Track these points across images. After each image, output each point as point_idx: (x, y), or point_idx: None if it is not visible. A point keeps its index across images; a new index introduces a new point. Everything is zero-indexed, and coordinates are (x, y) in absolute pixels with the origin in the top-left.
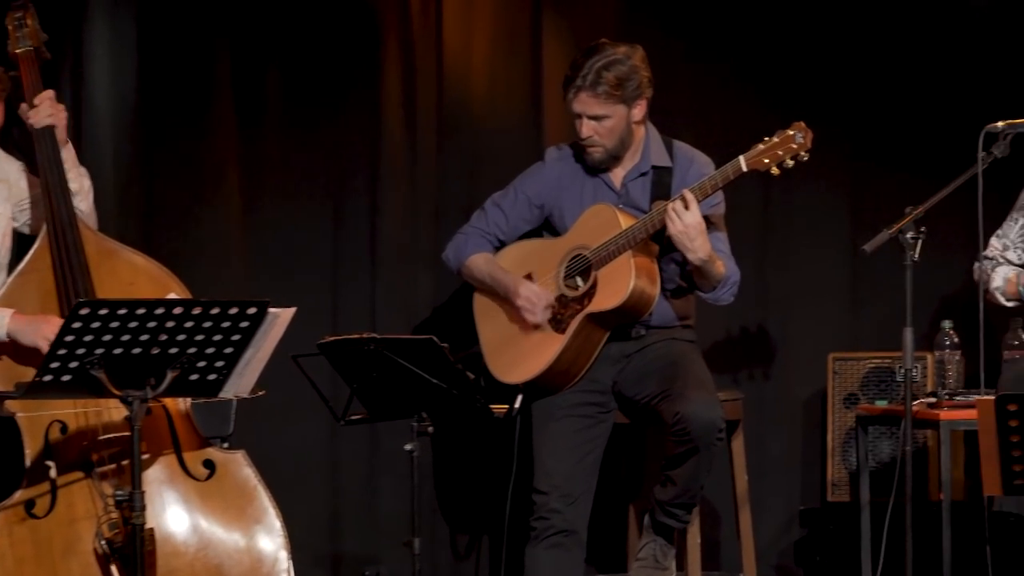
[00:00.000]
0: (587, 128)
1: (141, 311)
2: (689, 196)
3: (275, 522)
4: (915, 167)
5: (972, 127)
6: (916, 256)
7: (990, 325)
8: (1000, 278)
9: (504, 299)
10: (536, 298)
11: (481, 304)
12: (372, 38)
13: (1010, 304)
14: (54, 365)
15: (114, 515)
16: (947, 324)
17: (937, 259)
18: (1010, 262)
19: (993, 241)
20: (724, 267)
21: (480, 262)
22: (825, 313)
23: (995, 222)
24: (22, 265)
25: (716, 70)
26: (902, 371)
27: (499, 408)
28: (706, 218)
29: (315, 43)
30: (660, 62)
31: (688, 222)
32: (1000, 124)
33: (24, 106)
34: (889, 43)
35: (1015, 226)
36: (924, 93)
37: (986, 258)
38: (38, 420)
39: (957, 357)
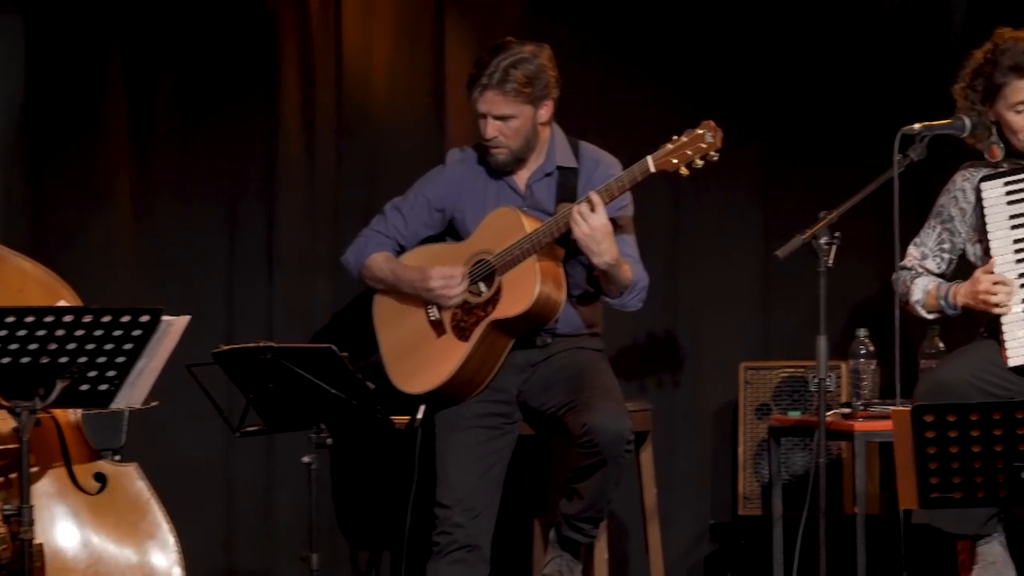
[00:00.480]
0: (492, 128)
1: (30, 319)
2: (595, 198)
3: (168, 537)
4: (830, 170)
5: (888, 129)
6: (830, 262)
7: (906, 333)
8: (920, 291)
9: (407, 305)
10: (450, 271)
11: (382, 311)
12: (270, 37)
13: (931, 316)
14: None
15: (0, 530)
16: (862, 332)
17: (852, 265)
18: (929, 271)
19: (911, 250)
20: (631, 272)
21: (381, 260)
22: (736, 320)
23: (912, 227)
24: None
25: (623, 69)
26: (815, 380)
27: (400, 419)
28: (613, 221)
29: (211, 43)
30: (566, 61)
31: (594, 225)
32: (917, 126)
33: None
34: (803, 42)
35: (933, 234)
36: (839, 93)
37: (904, 268)
38: None
39: (872, 366)
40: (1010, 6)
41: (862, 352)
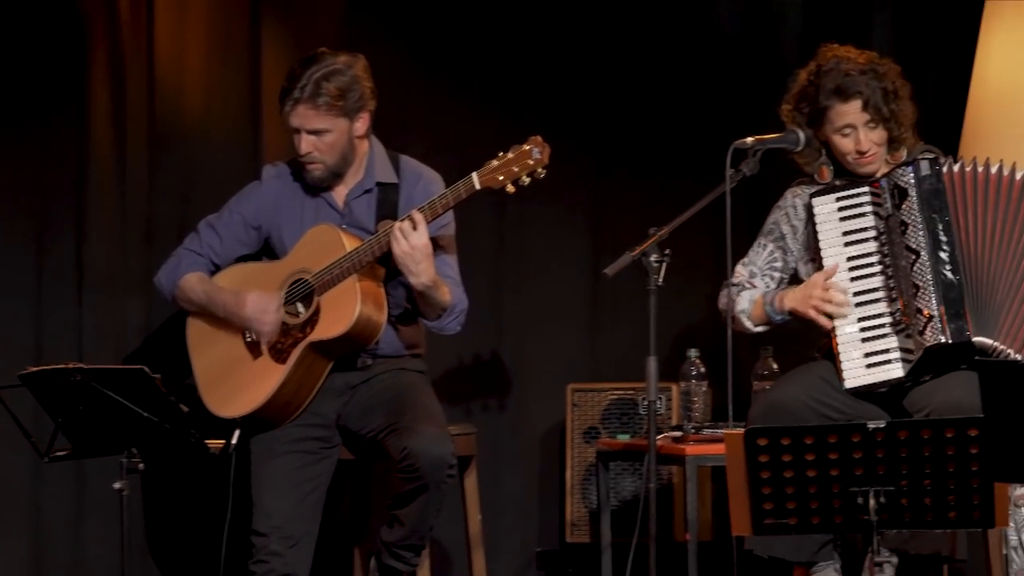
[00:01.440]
0: (306, 143)
1: None
2: (418, 216)
3: None
4: (660, 185)
5: (720, 142)
6: (660, 280)
7: (738, 354)
8: (746, 301)
9: (221, 327)
10: (266, 301)
11: (195, 332)
12: (78, 47)
13: (758, 329)
14: None
15: None
16: (693, 353)
17: (682, 284)
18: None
19: (739, 268)
20: (450, 294)
21: (195, 282)
22: (563, 341)
23: (745, 244)
24: None
25: (447, 80)
26: (645, 403)
27: (215, 443)
28: (434, 240)
29: (15, 53)
30: (386, 72)
31: (414, 243)
32: (750, 140)
33: None
34: (634, 56)
35: (763, 252)
36: (669, 107)
37: (732, 285)
38: None
39: (704, 388)
40: (844, 16)
41: (693, 373)
